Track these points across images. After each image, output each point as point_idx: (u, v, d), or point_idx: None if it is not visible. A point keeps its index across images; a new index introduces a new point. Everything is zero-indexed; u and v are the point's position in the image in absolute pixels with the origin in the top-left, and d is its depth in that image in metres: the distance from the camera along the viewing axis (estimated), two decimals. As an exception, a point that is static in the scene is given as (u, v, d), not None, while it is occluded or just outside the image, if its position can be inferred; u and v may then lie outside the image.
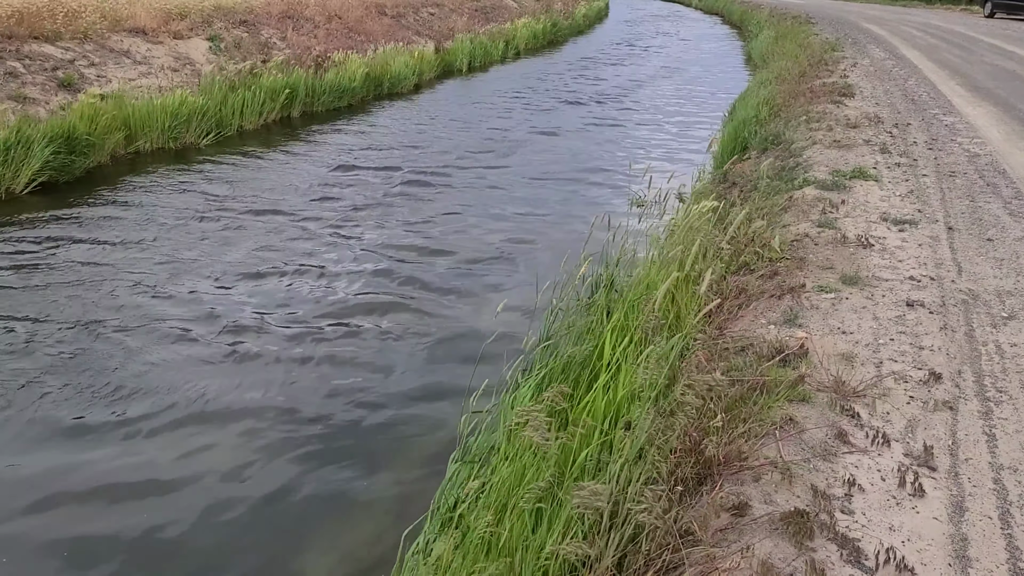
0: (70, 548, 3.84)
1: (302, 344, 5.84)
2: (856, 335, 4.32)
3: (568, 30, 30.33)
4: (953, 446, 3.35)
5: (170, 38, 13.32)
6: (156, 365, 5.43)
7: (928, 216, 6.40)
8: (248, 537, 3.99)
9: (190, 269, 7.00)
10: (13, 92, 9.87)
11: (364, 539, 4.01)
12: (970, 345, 4.25)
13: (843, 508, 2.93)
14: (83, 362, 5.40)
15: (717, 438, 3.23)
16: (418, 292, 6.82)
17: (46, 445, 4.56)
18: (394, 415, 5.07)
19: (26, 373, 5.22)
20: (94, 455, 4.50)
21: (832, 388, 3.72)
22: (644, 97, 17.62)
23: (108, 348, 5.60)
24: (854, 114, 10.48)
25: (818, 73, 14.21)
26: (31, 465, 4.39)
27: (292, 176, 10.14)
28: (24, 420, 4.75)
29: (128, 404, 4.97)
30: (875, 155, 8.39)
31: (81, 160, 9.42)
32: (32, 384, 5.11)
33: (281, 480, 4.40)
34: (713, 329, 4.51)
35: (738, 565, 2.62)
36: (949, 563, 2.69)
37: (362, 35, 17.89)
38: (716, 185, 8.17)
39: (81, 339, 5.70)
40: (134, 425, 4.78)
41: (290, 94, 13.33)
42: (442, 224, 8.59)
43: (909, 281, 5.07)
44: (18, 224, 7.81)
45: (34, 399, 4.95)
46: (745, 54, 25.16)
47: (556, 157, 11.88)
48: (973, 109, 11.15)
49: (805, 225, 6.15)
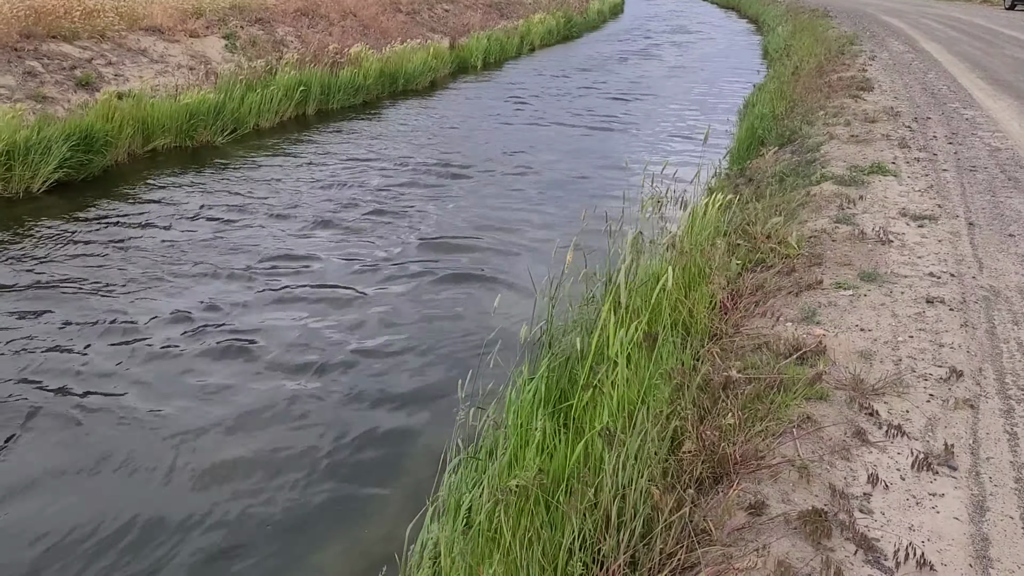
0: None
1: (312, 345, 5.86)
2: (875, 332, 4.27)
3: (582, 26, 30.25)
4: (974, 445, 3.30)
5: (186, 37, 13.40)
6: (167, 362, 5.47)
7: (948, 211, 6.32)
8: (254, 537, 4.01)
9: (208, 267, 7.04)
10: (32, 91, 9.96)
11: (371, 536, 4.01)
12: (991, 342, 4.19)
13: (862, 507, 2.89)
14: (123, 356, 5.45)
15: (733, 436, 3.20)
16: (426, 289, 6.82)
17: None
18: (399, 409, 5.07)
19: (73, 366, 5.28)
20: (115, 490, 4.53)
21: (850, 386, 3.68)
22: (660, 93, 17.53)
23: (132, 346, 5.64)
24: (872, 108, 10.37)
25: (835, 67, 14.07)
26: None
27: (309, 174, 10.16)
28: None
29: (135, 402, 5.01)
30: (894, 150, 8.30)
31: (99, 159, 9.49)
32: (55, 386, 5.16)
33: (286, 478, 4.41)
34: (729, 326, 4.47)
35: (755, 565, 2.59)
36: (970, 563, 2.65)
37: (377, 32, 17.92)
38: (732, 180, 8.11)
39: (113, 334, 5.75)
40: (139, 421, 4.81)
41: (305, 92, 13.37)
42: (454, 222, 8.57)
43: (929, 277, 5.01)
44: (38, 222, 7.88)
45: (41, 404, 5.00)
46: (762, 49, 24.97)
47: (571, 152, 11.84)
48: (994, 102, 11.01)
49: (823, 221, 6.09)
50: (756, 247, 5.55)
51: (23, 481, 4.27)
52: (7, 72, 10.03)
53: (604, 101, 16.26)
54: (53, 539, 3.88)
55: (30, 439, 4.63)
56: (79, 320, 5.97)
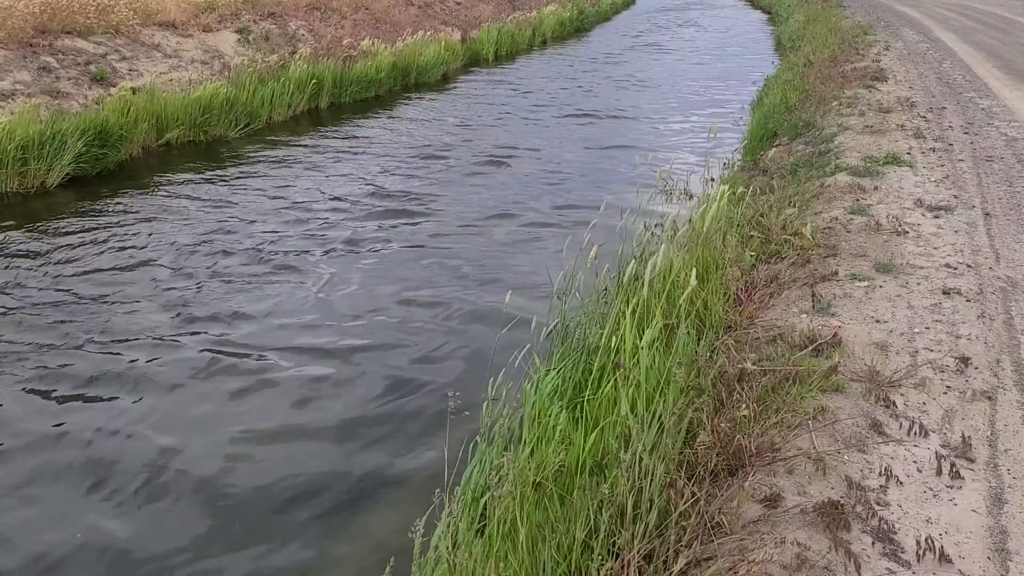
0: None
1: (319, 335, 5.89)
2: (890, 324, 4.25)
3: (594, 17, 30.12)
4: (992, 437, 3.28)
5: (199, 31, 13.43)
6: (181, 359, 5.52)
7: (964, 202, 6.27)
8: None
9: (222, 260, 7.08)
10: (47, 87, 10.02)
11: (385, 527, 4.03)
12: (1009, 334, 4.16)
13: (879, 500, 2.88)
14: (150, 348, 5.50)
15: (749, 428, 3.20)
16: (445, 281, 6.83)
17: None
18: (411, 402, 5.09)
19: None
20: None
21: (866, 378, 3.67)
22: (672, 85, 17.44)
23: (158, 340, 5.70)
24: (887, 99, 10.29)
25: (849, 57, 13.96)
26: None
27: (321, 168, 10.19)
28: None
29: (145, 390, 5.06)
30: (909, 140, 8.23)
31: (113, 153, 9.54)
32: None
33: (309, 464, 4.44)
34: (744, 318, 4.46)
35: (771, 557, 2.59)
36: (988, 556, 2.64)
37: (389, 25, 17.91)
38: (745, 172, 8.07)
39: (143, 328, 5.81)
40: (154, 410, 4.86)
41: (317, 85, 13.39)
42: (468, 215, 8.57)
43: (945, 269, 4.97)
44: (52, 216, 7.94)
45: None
46: (775, 39, 24.79)
47: (584, 145, 11.80)
48: (1011, 92, 10.89)
49: (837, 212, 6.05)
50: (770, 239, 5.53)
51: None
52: (22, 68, 10.09)
53: (616, 93, 16.19)
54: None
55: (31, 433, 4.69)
56: (93, 318, 6.03)
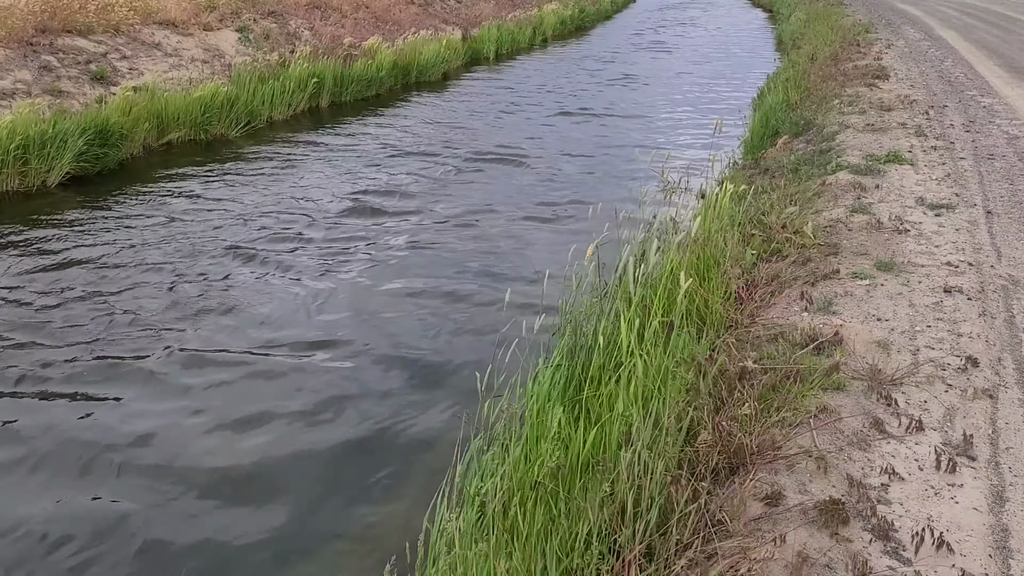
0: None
1: (319, 333, 5.89)
2: (892, 322, 4.24)
3: (595, 16, 30.08)
4: (993, 435, 3.27)
5: (200, 30, 13.43)
6: (181, 358, 5.52)
7: (966, 200, 6.26)
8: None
9: (224, 259, 7.08)
10: (48, 86, 10.02)
11: (386, 524, 4.03)
12: (1010, 332, 4.15)
13: (880, 498, 2.88)
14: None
15: (750, 427, 3.19)
16: (444, 280, 6.83)
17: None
18: (411, 397, 5.11)
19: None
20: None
21: (868, 376, 3.66)
22: (672, 83, 17.44)
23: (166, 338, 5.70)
24: (888, 97, 10.27)
25: (851, 55, 13.95)
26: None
27: (321, 166, 10.19)
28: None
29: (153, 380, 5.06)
30: (910, 138, 8.22)
31: (114, 152, 9.53)
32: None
33: (308, 471, 4.44)
34: (745, 316, 4.45)
35: (772, 555, 2.59)
36: (990, 554, 2.64)
37: (389, 23, 17.90)
38: (746, 170, 8.06)
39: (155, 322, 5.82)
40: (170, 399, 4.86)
41: (318, 84, 13.38)
42: (467, 213, 8.57)
43: (946, 267, 4.97)
44: (53, 215, 7.94)
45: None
46: (776, 37, 24.78)
47: (585, 143, 11.80)
48: (1012, 90, 10.88)
49: (838, 210, 6.05)
50: (771, 237, 5.52)
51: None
52: (23, 67, 10.09)
53: (617, 91, 16.18)
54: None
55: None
56: (94, 314, 6.03)
